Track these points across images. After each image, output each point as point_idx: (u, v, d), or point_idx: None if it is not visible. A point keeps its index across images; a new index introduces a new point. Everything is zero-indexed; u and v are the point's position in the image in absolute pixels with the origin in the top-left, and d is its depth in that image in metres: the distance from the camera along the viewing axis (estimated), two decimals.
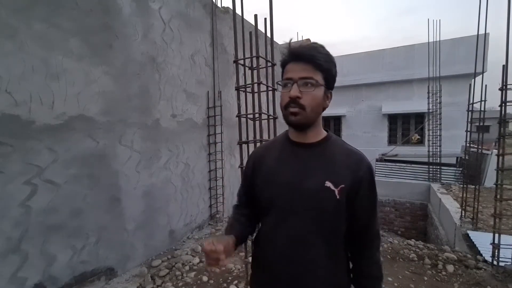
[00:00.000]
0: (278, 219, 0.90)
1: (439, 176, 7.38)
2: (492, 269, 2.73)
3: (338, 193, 0.85)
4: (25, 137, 2.17)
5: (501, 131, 2.85)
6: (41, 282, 2.26)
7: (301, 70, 0.83)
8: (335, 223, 0.88)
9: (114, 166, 2.88)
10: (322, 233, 0.87)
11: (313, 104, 0.84)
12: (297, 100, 0.82)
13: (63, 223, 2.42)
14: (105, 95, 2.77)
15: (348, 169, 0.87)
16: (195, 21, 4.01)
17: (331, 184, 0.85)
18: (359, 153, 0.93)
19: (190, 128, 3.96)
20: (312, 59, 0.83)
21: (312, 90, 0.83)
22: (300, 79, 0.82)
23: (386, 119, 10.14)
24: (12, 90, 2.10)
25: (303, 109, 0.83)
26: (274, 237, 0.91)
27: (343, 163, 0.88)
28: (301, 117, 0.84)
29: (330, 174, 0.86)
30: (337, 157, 0.90)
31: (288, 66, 0.86)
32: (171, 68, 3.59)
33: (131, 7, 3.03)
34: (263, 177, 0.95)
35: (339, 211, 0.86)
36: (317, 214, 0.86)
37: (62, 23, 2.40)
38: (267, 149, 1.02)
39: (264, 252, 0.95)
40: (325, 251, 0.88)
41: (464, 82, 8.05)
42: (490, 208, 4.55)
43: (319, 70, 0.84)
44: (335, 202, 0.85)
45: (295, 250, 0.88)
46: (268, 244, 0.94)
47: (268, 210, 0.93)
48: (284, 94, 0.86)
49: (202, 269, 2.93)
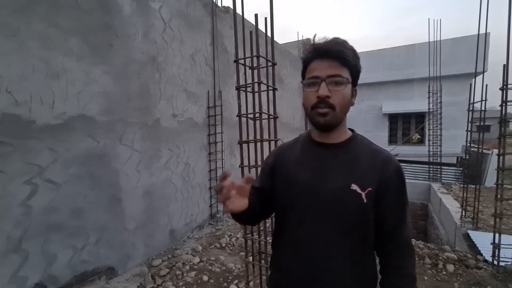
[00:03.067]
0: (298, 221, 0.86)
1: (439, 175, 7.38)
2: (493, 269, 2.73)
3: (365, 197, 0.80)
4: (25, 137, 2.17)
5: (502, 130, 2.85)
6: (41, 281, 2.27)
7: (328, 68, 0.77)
8: (362, 228, 0.83)
9: (115, 166, 2.88)
10: (347, 238, 0.82)
11: (343, 103, 0.79)
12: (326, 99, 0.77)
13: (64, 222, 2.42)
14: (105, 95, 2.77)
15: (374, 170, 0.83)
16: (195, 20, 4.01)
17: (358, 187, 0.80)
18: (386, 153, 0.88)
19: (191, 127, 3.96)
20: (340, 55, 0.77)
21: (342, 88, 0.78)
22: (328, 77, 0.77)
23: (386, 119, 10.14)
24: (13, 90, 2.10)
25: (333, 109, 0.78)
26: (295, 240, 0.87)
27: (369, 164, 0.83)
28: (331, 117, 0.79)
29: (355, 177, 0.81)
30: (362, 157, 0.85)
31: (313, 64, 0.80)
32: (171, 68, 3.59)
33: (131, 7, 3.03)
34: (283, 178, 0.91)
35: (367, 215, 0.82)
36: (341, 218, 0.81)
37: (62, 23, 2.40)
38: (289, 148, 0.97)
39: (284, 254, 0.92)
40: (350, 258, 0.83)
41: (465, 82, 8.05)
42: (491, 208, 4.55)
43: (346, 67, 0.79)
44: (362, 206, 0.80)
45: (315, 252, 0.83)
46: (289, 247, 0.90)
47: (288, 212, 0.89)
48: (310, 94, 0.80)
49: (202, 269, 2.93)
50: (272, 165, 0.96)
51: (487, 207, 4.68)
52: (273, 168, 0.95)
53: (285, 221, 0.92)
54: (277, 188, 0.92)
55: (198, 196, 4.13)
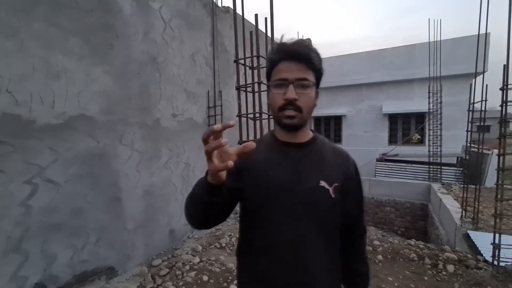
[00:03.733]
0: (274, 223, 0.84)
1: (439, 176, 7.38)
2: (493, 269, 2.73)
3: (332, 192, 0.84)
4: (25, 137, 2.18)
5: (502, 131, 2.85)
6: (41, 281, 2.27)
7: (296, 71, 0.79)
8: (331, 222, 0.87)
9: (115, 166, 2.88)
10: (321, 233, 0.85)
11: (309, 105, 0.82)
12: (294, 102, 0.79)
13: (64, 222, 2.42)
14: (105, 95, 2.77)
15: (338, 167, 0.88)
16: (195, 20, 4.01)
17: (326, 184, 0.84)
18: (345, 151, 0.94)
19: (191, 127, 3.96)
20: (307, 58, 0.80)
21: (309, 92, 0.80)
22: (296, 80, 0.79)
23: (386, 119, 10.12)
24: (13, 90, 2.10)
25: (300, 111, 0.80)
26: (272, 242, 0.85)
27: (333, 162, 0.89)
28: (298, 120, 0.81)
29: (323, 174, 0.85)
30: (327, 156, 0.89)
31: (281, 65, 0.81)
32: (171, 68, 3.59)
33: (131, 7, 3.03)
34: (253, 179, 0.86)
35: (335, 209, 0.86)
36: (315, 214, 0.84)
37: (63, 23, 2.41)
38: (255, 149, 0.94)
39: (260, 260, 0.87)
40: (326, 254, 0.86)
41: (465, 82, 8.04)
42: (491, 208, 4.55)
43: (312, 70, 0.81)
44: (330, 200, 0.84)
45: (296, 253, 0.83)
46: (265, 251, 0.86)
47: (261, 214, 0.86)
48: (277, 96, 0.81)
49: (202, 269, 2.93)
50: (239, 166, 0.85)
51: (487, 207, 4.68)
52: (239, 169, 0.86)
53: (258, 224, 0.88)
54: (247, 190, 0.86)
55: None
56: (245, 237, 0.94)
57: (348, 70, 10.45)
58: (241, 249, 0.95)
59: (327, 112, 10.99)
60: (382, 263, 3.09)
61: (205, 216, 0.83)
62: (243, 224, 0.95)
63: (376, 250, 3.37)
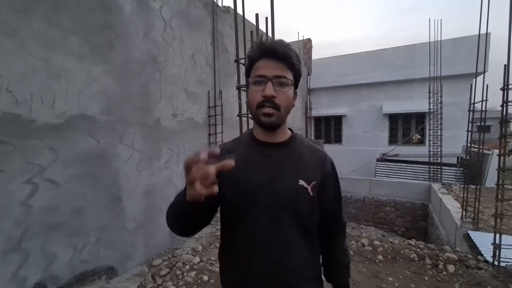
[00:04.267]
0: (254, 223, 0.84)
1: (439, 176, 7.37)
2: (493, 269, 2.73)
3: (311, 190, 0.85)
4: (26, 136, 2.17)
5: (503, 131, 2.84)
6: (41, 281, 2.27)
7: (275, 68, 0.79)
8: (311, 219, 0.88)
9: (115, 165, 2.88)
10: (301, 231, 0.86)
11: (287, 104, 0.82)
12: (272, 99, 0.78)
13: (64, 222, 2.42)
14: (106, 94, 2.77)
15: (316, 165, 0.89)
16: (196, 20, 4.01)
17: (304, 182, 0.85)
18: (323, 151, 0.96)
19: (191, 127, 3.96)
20: (286, 57, 0.80)
21: (287, 89, 0.81)
22: (274, 77, 0.79)
23: (386, 119, 10.11)
24: (13, 89, 2.10)
25: (277, 109, 0.80)
26: (253, 243, 0.84)
27: (311, 161, 0.90)
28: (275, 118, 0.80)
29: (302, 173, 0.86)
30: (305, 155, 0.90)
31: (260, 63, 0.81)
32: (171, 68, 3.59)
33: (132, 6, 3.03)
34: (232, 180, 0.84)
35: (313, 207, 0.87)
36: (294, 213, 0.84)
37: (63, 22, 2.40)
38: (232, 149, 0.90)
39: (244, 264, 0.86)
40: (308, 249, 0.88)
41: (465, 82, 8.03)
42: (491, 208, 4.55)
43: (291, 69, 0.82)
44: (309, 198, 0.85)
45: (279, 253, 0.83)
46: (248, 254, 0.85)
47: (240, 217, 0.85)
48: (256, 92, 0.80)
49: (202, 269, 2.93)
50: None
51: (488, 207, 4.68)
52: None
53: (237, 225, 0.87)
54: (226, 192, 0.84)
55: None
56: (226, 239, 0.93)
57: (348, 70, 10.45)
58: (223, 251, 0.95)
59: (327, 112, 10.98)
60: (382, 263, 3.08)
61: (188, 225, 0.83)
62: (222, 226, 0.94)
63: (377, 250, 3.36)
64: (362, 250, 3.40)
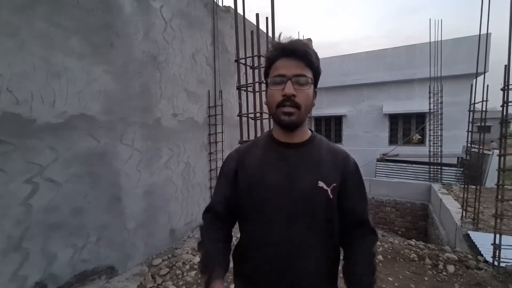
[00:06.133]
0: (269, 225, 0.83)
1: (440, 176, 7.37)
2: (493, 269, 2.73)
3: (331, 192, 0.83)
4: (26, 136, 2.17)
5: (503, 131, 2.84)
6: (42, 280, 2.27)
7: (294, 67, 0.79)
8: (329, 223, 0.85)
9: (115, 165, 2.88)
10: (318, 234, 0.84)
11: (307, 103, 0.81)
12: (292, 98, 0.78)
13: (64, 221, 2.42)
14: (106, 94, 2.77)
15: (336, 167, 0.86)
16: (196, 20, 4.01)
17: (324, 184, 0.83)
18: (344, 152, 0.92)
19: (191, 127, 3.96)
20: (305, 55, 0.79)
21: (307, 88, 0.80)
22: (294, 76, 0.78)
23: (387, 119, 10.12)
24: (14, 89, 2.10)
25: (298, 108, 0.79)
26: (267, 244, 0.83)
27: (331, 162, 0.87)
28: (296, 117, 0.80)
29: (320, 174, 0.84)
30: (324, 156, 0.87)
31: (279, 62, 0.81)
32: (172, 67, 3.59)
33: (132, 6, 3.03)
34: (248, 181, 0.86)
35: (333, 210, 0.85)
36: (312, 216, 0.82)
37: (64, 22, 2.40)
38: (249, 151, 0.93)
39: (256, 264, 0.86)
40: (323, 254, 0.85)
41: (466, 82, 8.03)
42: (491, 208, 4.55)
43: (310, 68, 0.81)
44: (329, 201, 0.83)
45: (293, 255, 0.82)
46: (261, 254, 0.85)
47: (257, 216, 0.86)
48: (275, 92, 0.80)
49: None
50: (235, 170, 0.91)
51: (488, 207, 4.68)
52: (236, 173, 0.90)
53: (253, 227, 0.87)
54: (242, 193, 0.87)
55: (199, 195, 4.13)
56: (242, 238, 0.94)
57: (348, 70, 10.45)
58: (237, 252, 0.95)
59: (327, 112, 10.99)
60: (382, 263, 3.08)
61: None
62: (240, 226, 0.95)
63: (377, 250, 3.37)
64: None
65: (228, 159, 0.96)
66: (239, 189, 0.89)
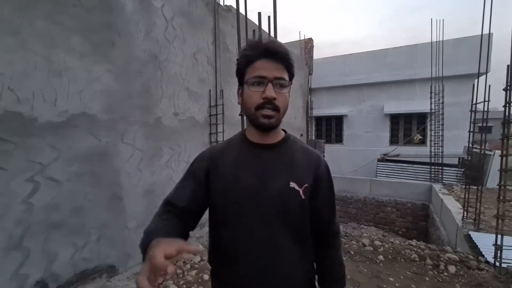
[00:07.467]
0: (244, 226, 0.82)
1: (441, 176, 7.36)
2: (494, 270, 2.72)
3: (302, 193, 0.82)
4: (27, 134, 2.17)
5: (505, 131, 2.83)
6: (42, 279, 2.27)
7: (275, 69, 0.78)
8: (302, 224, 0.85)
9: (116, 164, 2.88)
10: (292, 235, 0.83)
11: (286, 106, 0.81)
12: (273, 101, 0.77)
13: (65, 220, 2.42)
14: (107, 93, 2.77)
15: (309, 168, 0.86)
16: (197, 19, 4.00)
17: (296, 185, 0.82)
18: (316, 152, 0.92)
19: (192, 126, 3.96)
20: (286, 58, 0.79)
21: (286, 91, 0.80)
22: (275, 79, 0.77)
23: (388, 119, 10.10)
24: (15, 87, 2.10)
25: (277, 111, 0.78)
26: (243, 247, 0.83)
27: (304, 163, 0.87)
28: (275, 120, 0.79)
29: (293, 175, 0.83)
30: (297, 157, 0.87)
31: (259, 63, 0.78)
32: (173, 66, 3.59)
33: (133, 5, 3.02)
34: (221, 183, 0.85)
35: (304, 210, 0.84)
36: (285, 216, 0.82)
37: (65, 21, 2.40)
38: (223, 151, 0.90)
39: (232, 267, 0.85)
40: (297, 254, 0.85)
41: (467, 82, 8.02)
42: (493, 209, 4.54)
43: (287, 70, 0.81)
44: (301, 202, 0.83)
45: (269, 257, 0.81)
46: (236, 256, 0.84)
47: (230, 219, 0.84)
48: (254, 94, 0.78)
49: (203, 268, 2.93)
50: (207, 169, 0.88)
51: (489, 208, 4.67)
52: (207, 172, 0.87)
53: (228, 230, 0.85)
54: (215, 194, 0.85)
55: None
56: (215, 243, 0.92)
57: (349, 70, 10.43)
58: (212, 257, 0.94)
59: (328, 112, 10.98)
60: (383, 263, 3.08)
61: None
62: (211, 230, 0.93)
63: (377, 250, 3.36)
64: (363, 250, 3.40)
65: (199, 157, 0.92)
66: (210, 191, 0.86)
